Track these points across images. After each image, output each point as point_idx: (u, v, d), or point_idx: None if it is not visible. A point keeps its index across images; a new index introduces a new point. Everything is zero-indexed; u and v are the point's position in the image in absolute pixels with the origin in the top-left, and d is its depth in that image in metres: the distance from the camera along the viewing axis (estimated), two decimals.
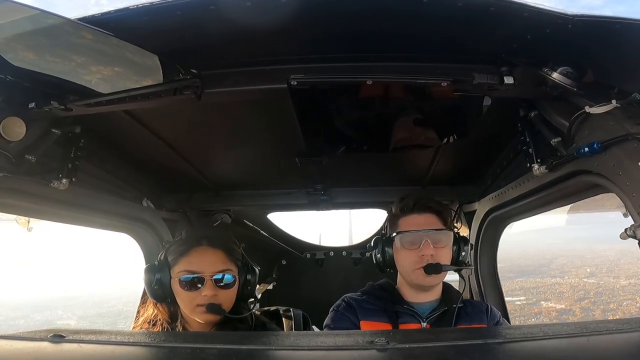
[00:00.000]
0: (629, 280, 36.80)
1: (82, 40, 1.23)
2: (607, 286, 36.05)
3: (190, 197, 2.97)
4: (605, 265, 43.19)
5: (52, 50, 1.28)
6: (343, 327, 1.83)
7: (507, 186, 2.25)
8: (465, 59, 1.46)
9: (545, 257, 47.61)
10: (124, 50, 1.28)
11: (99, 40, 1.22)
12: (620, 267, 41.70)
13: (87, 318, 39.38)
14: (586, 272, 41.60)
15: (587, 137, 1.43)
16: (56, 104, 1.52)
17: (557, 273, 41.47)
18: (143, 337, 1.19)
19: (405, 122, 1.92)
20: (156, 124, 2.00)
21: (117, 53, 1.29)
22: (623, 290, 34.48)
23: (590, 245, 54.10)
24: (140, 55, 1.31)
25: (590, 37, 1.23)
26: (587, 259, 47.16)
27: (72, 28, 1.18)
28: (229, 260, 1.73)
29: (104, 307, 42.23)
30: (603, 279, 38.78)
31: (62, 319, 38.86)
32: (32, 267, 74.67)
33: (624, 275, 38.50)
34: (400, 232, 1.83)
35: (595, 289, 35.58)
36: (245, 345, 1.02)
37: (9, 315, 40.33)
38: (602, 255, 47.91)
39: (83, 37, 1.21)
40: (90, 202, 2.08)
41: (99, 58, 1.32)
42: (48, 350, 0.99)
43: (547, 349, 0.97)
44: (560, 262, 46.89)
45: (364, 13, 1.21)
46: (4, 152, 1.52)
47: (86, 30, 1.18)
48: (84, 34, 1.20)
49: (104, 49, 1.27)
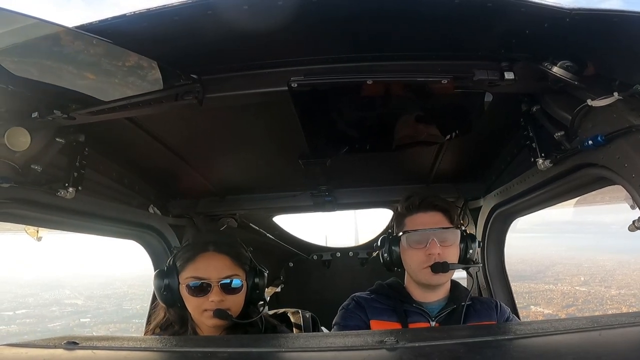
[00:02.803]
0: (620, 291, 38.05)
1: (81, 49, 1.23)
2: (597, 295, 37.33)
3: (196, 203, 2.98)
4: (600, 275, 44.35)
5: (53, 59, 1.29)
6: (353, 325, 1.83)
7: (512, 181, 2.24)
8: (465, 55, 1.46)
9: (544, 263, 48.29)
10: (124, 58, 1.29)
11: (99, 48, 1.23)
12: (615, 277, 43.02)
13: (94, 299, 39.99)
14: (580, 280, 42.68)
15: (590, 130, 1.42)
16: (59, 113, 1.54)
17: (552, 280, 42.47)
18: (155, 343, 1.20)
19: (408, 121, 1.92)
20: (160, 131, 2.02)
21: (116, 60, 1.30)
22: (612, 299, 35.62)
23: (589, 254, 55.10)
24: (140, 61, 1.32)
25: (589, 30, 1.22)
26: (584, 268, 48.13)
27: (71, 36, 1.19)
28: (235, 265, 1.73)
29: (109, 289, 42.82)
30: (595, 287, 40.02)
31: (70, 298, 39.54)
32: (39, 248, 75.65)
33: (616, 285, 39.86)
34: (407, 232, 1.82)
35: (585, 296, 36.81)
36: (256, 348, 1.02)
37: (18, 292, 41.01)
38: (599, 264, 49.00)
39: (82, 45, 1.22)
40: (97, 210, 2.09)
41: (99, 66, 1.33)
42: (62, 358, 1.00)
43: (558, 344, 0.96)
44: (557, 269, 47.84)
45: (361, 13, 1.21)
46: (10, 162, 1.53)
47: (86, 38, 1.19)
48: (83, 42, 1.21)
49: (103, 57, 1.28)
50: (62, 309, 36.68)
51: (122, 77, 1.38)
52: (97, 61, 1.29)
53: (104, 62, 1.29)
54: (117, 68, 1.33)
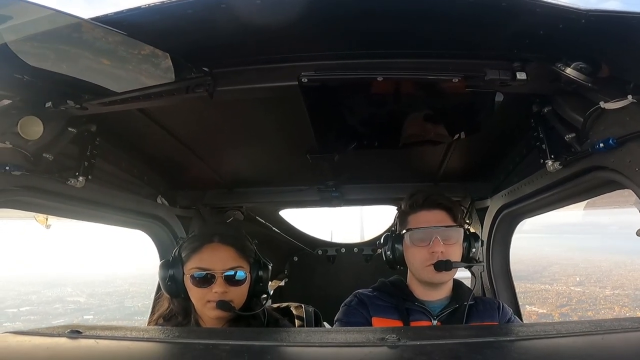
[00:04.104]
0: (614, 291, 38.34)
1: (96, 40, 1.25)
2: (591, 295, 37.65)
3: (203, 194, 3.00)
4: (595, 275, 44.62)
5: (67, 50, 1.30)
6: (355, 321, 1.84)
7: (520, 182, 2.23)
8: (476, 54, 1.45)
9: (541, 263, 48.61)
10: (137, 49, 1.30)
11: (113, 40, 1.24)
12: (611, 277, 43.30)
13: (96, 296, 40.53)
14: (575, 280, 42.99)
15: (602, 132, 1.41)
16: (72, 103, 1.56)
17: (548, 280, 42.74)
18: (157, 333, 1.21)
19: (417, 119, 1.91)
20: (170, 123, 2.03)
21: (130, 52, 1.31)
22: (605, 299, 35.87)
23: (586, 255, 55.67)
24: (153, 53, 1.33)
25: (604, 32, 1.21)
26: (580, 268, 48.41)
27: (87, 28, 1.20)
28: (240, 257, 1.74)
29: (110, 287, 43.38)
30: (590, 288, 40.32)
31: (72, 295, 40.12)
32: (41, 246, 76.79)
33: (611, 285, 40.12)
34: (410, 229, 1.82)
35: (579, 297, 37.16)
36: (258, 342, 1.03)
37: (21, 290, 41.68)
38: (596, 265, 49.31)
39: (97, 37, 1.23)
40: (106, 200, 2.12)
41: (113, 57, 1.34)
42: (66, 346, 1.02)
43: (560, 347, 0.95)
44: (553, 269, 48.19)
45: (374, 10, 1.20)
46: (23, 150, 1.56)
47: (100, 30, 1.20)
48: (98, 33, 1.22)
49: (117, 48, 1.29)
50: (65, 306, 37.16)
51: (135, 68, 1.39)
52: (111, 53, 1.30)
53: (117, 53, 1.30)
54: (130, 60, 1.34)
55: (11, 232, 44.91)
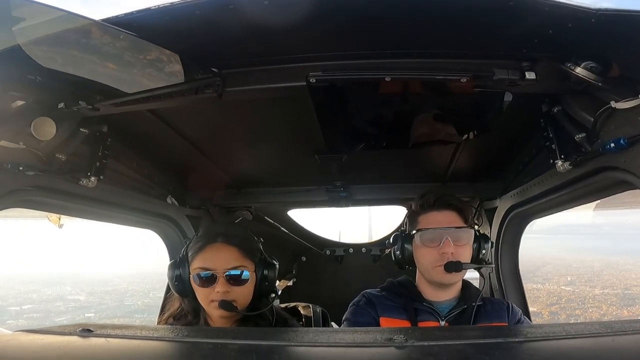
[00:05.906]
0: (603, 290, 38.93)
1: (107, 41, 1.27)
2: (580, 294, 38.40)
3: (213, 195, 3.03)
4: (586, 275, 45.26)
5: (80, 51, 1.32)
6: (363, 321, 1.84)
7: (529, 183, 2.21)
8: (485, 54, 1.44)
9: (535, 264, 48.93)
10: (147, 50, 1.31)
11: (123, 41, 1.26)
12: (601, 277, 43.95)
13: (96, 295, 41.00)
14: (567, 280, 43.45)
15: (613, 132, 1.39)
16: (84, 104, 1.58)
17: (540, 280, 43.19)
18: (167, 332, 1.22)
19: (425, 119, 1.90)
20: (180, 123, 2.05)
21: (140, 53, 1.32)
22: (594, 298, 36.51)
23: (579, 255, 56.38)
24: (162, 55, 1.34)
25: (614, 31, 1.19)
26: (572, 268, 48.88)
27: (97, 29, 1.22)
28: (243, 257, 1.75)
29: (109, 285, 43.86)
30: (580, 287, 40.96)
31: (72, 294, 40.58)
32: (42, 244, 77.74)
33: (601, 285, 40.74)
34: (420, 230, 1.82)
35: (569, 296, 37.77)
36: (266, 341, 1.03)
37: (22, 289, 42.23)
38: (588, 265, 50.03)
39: (108, 38, 1.25)
40: (117, 200, 2.14)
41: (124, 58, 1.36)
42: (77, 344, 1.03)
43: (569, 348, 0.94)
44: (546, 269, 48.56)
45: (380, 10, 1.20)
46: (36, 151, 1.58)
47: (111, 31, 1.22)
48: (108, 34, 1.24)
49: (127, 50, 1.31)
50: (66, 304, 37.54)
51: (145, 69, 1.41)
52: (122, 54, 1.32)
53: (128, 54, 1.32)
54: (140, 61, 1.36)
55: (11, 232, 45.44)
